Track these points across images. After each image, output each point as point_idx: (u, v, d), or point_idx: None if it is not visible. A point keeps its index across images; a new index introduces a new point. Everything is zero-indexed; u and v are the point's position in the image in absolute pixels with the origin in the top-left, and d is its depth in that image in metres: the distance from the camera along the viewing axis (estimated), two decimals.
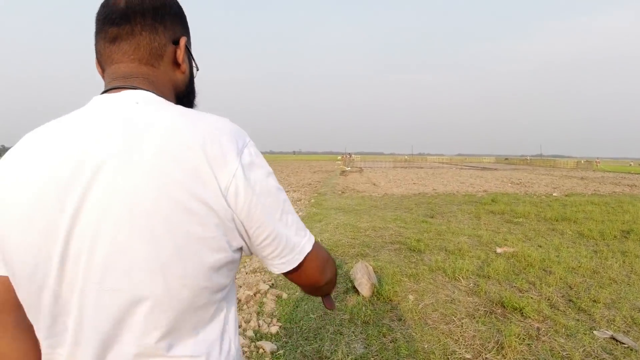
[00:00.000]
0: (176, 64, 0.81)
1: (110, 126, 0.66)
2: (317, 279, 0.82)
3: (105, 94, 0.72)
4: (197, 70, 0.90)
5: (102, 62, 0.77)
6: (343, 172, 30.03)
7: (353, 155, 57.07)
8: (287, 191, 14.74)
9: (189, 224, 0.63)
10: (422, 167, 42.50)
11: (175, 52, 0.80)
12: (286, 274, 0.79)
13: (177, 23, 0.80)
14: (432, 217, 9.28)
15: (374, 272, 4.63)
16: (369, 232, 7.30)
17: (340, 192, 14.33)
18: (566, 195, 14.75)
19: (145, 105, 0.69)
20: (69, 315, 0.65)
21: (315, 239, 0.82)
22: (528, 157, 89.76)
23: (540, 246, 6.62)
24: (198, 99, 0.93)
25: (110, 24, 0.74)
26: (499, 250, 6.13)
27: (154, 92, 0.73)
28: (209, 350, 0.71)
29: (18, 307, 0.69)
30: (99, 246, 0.62)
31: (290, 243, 0.74)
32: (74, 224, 0.62)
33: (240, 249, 0.73)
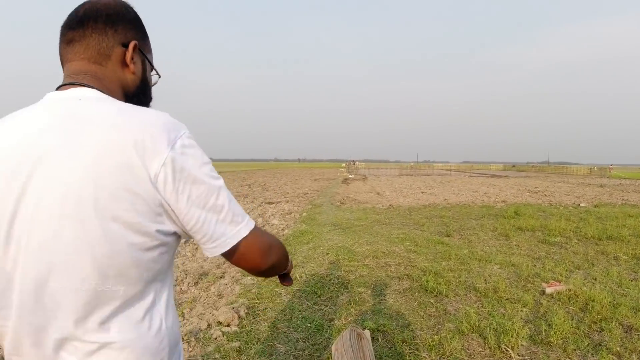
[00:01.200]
0: (125, 64, 0.88)
1: (53, 121, 0.74)
2: (257, 263, 0.85)
3: (57, 91, 0.82)
4: (159, 77, 1.01)
5: (62, 62, 0.87)
6: (345, 180, 28.33)
7: (357, 163, 55.23)
8: (278, 202, 13.05)
9: (116, 211, 0.69)
10: (429, 175, 40.69)
11: (124, 54, 0.87)
12: (225, 257, 0.82)
13: (130, 29, 0.88)
14: (448, 236, 7.57)
15: (372, 341, 2.92)
16: (369, 260, 5.59)
17: (338, 203, 12.62)
18: (595, 206, 13.01)
19: (87, 102, 0.77)
20: (13, 291, 0.74)
21: (256, 224, 0.85)
22: (537, 164, 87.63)
23: (595, 279, 4.93)
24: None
25: (68, 29, 0.85)
26: (547, 289, 4.42)
27: (99, 89, 0.81)
28: (138, 329, 0.77)
29: None
30: (36, 230, 0.71)
31: (221, 228, 0.78)
32: (17, 210, 0.71)
33: (175, 233, 0.79)
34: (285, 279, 1.07)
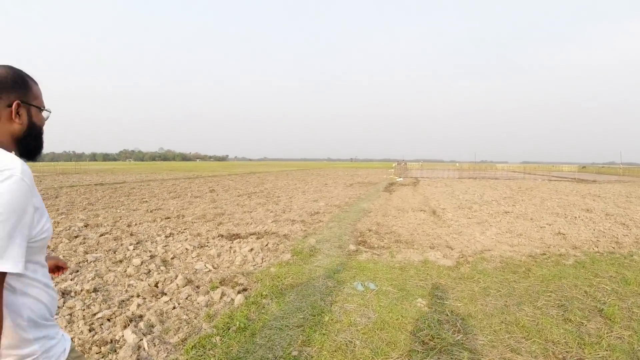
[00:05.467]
0: (11, 119, 1.23)
1: None
2: None
3: None
4: (50, 112, 1.37)
5: None
6: (391, 185, 22.01)
7: (408, 164, 48.04)
8: (250, 235, 7.12)
9: None
10: (497, 178, 33.15)
11: (10, 112, 1.22)
12: None
13: (11, 92, 1.23)
14: None
15: None
16: None
17: (354, 246, 6.41)
18: None
19: None
20: None
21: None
22: (620, 166, 75.80)
23: None
24: None
25: None
26: None
27: None
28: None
29: None
30: None
31: None
32: None
33: None
34: None
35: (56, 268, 1.67)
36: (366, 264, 5.38)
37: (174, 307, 3.86)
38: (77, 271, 5.10)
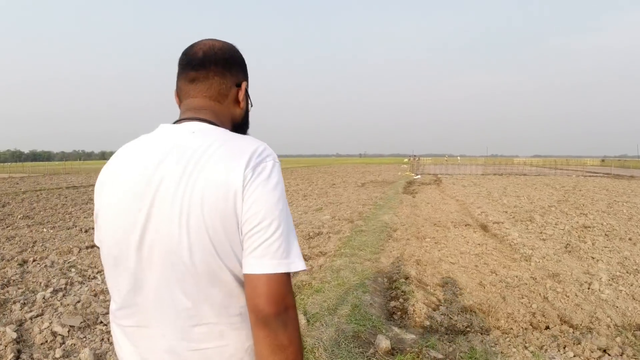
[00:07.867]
0: (237, 102, 1.00)
1: (171, 151, 0.84)
2: (262, 307, 0.78)
3: (174, 124, 0.92)
4: (252, 106, 1.08)
5: (181, 96, 0.99)
6: (410, 185, 18.84)
7: (421, 158, 44.43)
8: None
9: (223, 233, 0.77)
10: (525, 174, 29.58)
11: (237, 93, 0.99)
12: (247, 279, 0.79)
13: (240, 70, 1.00)
14: None
15: None
16: None
17: (388, 336, 3.31)
18: None
19: (200, 134, 0.86)
20: (137, 293, 0.84)
21: (290, 274, 0.81)
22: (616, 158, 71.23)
23: None
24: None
25: (191, 69, 0.95)
26: None
27: (215, 122, 0.91)
28: (230, 338, 0.83)
29: None
30: (160, 241, 0.80)
31: (258, 252, 0.78)
32: (147, 224, 0.81)
33: None
34: None
35: None
36: None
37: None
38: None
